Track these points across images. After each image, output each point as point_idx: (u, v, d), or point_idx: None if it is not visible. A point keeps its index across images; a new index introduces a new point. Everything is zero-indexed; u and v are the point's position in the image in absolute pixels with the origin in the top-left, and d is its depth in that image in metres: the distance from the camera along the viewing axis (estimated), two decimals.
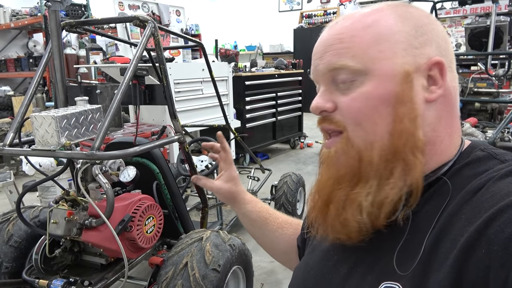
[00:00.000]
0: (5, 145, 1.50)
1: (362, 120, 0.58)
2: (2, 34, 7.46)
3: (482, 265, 0.44)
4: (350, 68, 0.58)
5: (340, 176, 0.60)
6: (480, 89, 4.42)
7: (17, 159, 4.27)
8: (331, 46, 0.61)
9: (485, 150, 0.58)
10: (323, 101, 0.62)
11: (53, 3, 1.61)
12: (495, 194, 0.49)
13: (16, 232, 1.78)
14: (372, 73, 0.57)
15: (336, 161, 0.61)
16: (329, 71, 0.61)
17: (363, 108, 0.57)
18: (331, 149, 0.62)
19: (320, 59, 0.62)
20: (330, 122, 0.62)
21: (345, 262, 0.63)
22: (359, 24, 0.59)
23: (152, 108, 3.66)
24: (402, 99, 0.56)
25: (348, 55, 0.58)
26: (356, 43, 0.58)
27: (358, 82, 0.58)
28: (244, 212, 0.99)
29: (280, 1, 10.66)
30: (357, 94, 0.58)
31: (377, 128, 0.57)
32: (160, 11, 4.61)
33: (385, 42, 0.58)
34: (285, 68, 5.54)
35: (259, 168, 3.38)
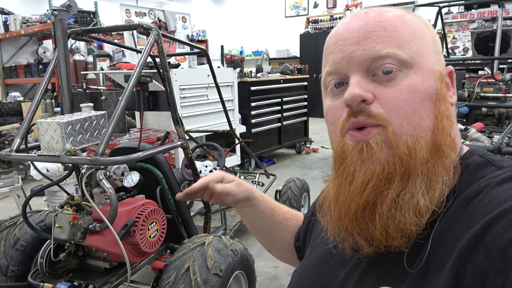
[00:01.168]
0: (12, 151, 1.53)
1: (409, 114, 0.54)
2: (12, 41, 7.60)
3: (479, 270, 0.44)
4: (399, 57, 0.55)
5: (390, 173, 0.54)
6: (487, 93, 4.38)
7: (25, 164, 4.34)
8: (372, 32, 0.56)
9: (483, 156, 0.59)
10: (363, 90, 0.55)
11: (60, 12, 1.65)
12: (492, 200, 0.49)
13: (22, 236, 1.81)
14: (417, 67, 0.56)
15: (379, 155, 0.54)
16: (371, 58, 0.55)
17: (410, 101, 0.54)
18: (370, 141, 0.54)
19: (357, 44, 0.57)
20: (369, 115, 0.55)
21: (343, 266, 0.63)
22: (397, 18, 0.58)
23: (157, 114, 3.70)
24: (441, 97, 0.57)
25: (394, 44, 0.55)
26: (399, 34, 0.56)
27: (403, 73, 0.55)
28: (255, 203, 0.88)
29: (287, 7, 10.71)
30: (403, 86, 0.55)
31: (423, 123, 0.55)
32: (166, 17, 4.67)
33: (421, 41, 0.58)
34: (290, 74, 5.56)
35: (264, 173, 3.39)
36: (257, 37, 10.95)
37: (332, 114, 0.61)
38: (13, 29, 6.97)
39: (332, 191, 0.61)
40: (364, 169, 0.55)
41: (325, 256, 0.68)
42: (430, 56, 0.58)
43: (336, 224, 0.60)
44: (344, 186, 0.57)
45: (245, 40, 11.07)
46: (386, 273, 0.55)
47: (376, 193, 0.54)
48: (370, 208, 0.54)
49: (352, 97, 0.55)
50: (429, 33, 0.60)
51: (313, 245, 0.76)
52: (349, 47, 0.57)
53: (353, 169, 0.56)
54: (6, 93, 7.23)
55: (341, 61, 0.58)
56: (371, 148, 0.54)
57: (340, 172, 0.59)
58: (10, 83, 7.44)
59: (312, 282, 0.67)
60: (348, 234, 0.58)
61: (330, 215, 0.61)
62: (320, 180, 0.64)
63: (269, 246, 0.97)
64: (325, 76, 0.62)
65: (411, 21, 0.59)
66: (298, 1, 10.49)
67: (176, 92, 3.61)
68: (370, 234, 0.55)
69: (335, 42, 0.60)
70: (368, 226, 0.55)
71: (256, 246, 2.94)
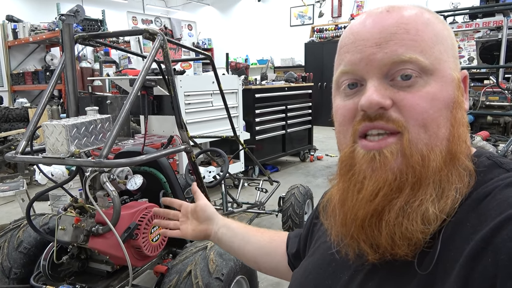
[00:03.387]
0: (18, 153, 1.55)
1: (428, 121, 0.53)
2: (21, 48, 7.72)
3: (488, 274, 0.44)
4: (420, 63, 0.53)
5: (402, 182, 0.53)
6: (492, 102, 4.36)
7: (30, 169, 4.37)
8: (395, 34, 0.54)
9: (491, 158, 0.58)
10: (381, 96, 0.53)
11: (67, 17, 1.68)
12: (502, 202, 0.48)
13: (25, 239, 1.81)
14: (437, 74, 0.54)
15: (392, 165, 0.53)
16: (392, 62, 0.53)
17: (429, 108, 0.53)
18: (384, 150, 0.54)
19: (379, 47, 0.54)
20: (387, 120, 0.54)
21: (346, 269, 0.61)
22: (419, 18, 0.55)
23: (162, 120, 3.72)
24: (459, 105, 0.56)
25: (417, 49, 0.53)
26: (422, 38, 0.54)
27: (422, 80, 0.54)
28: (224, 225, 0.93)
29: (292, 16, 10.78)
30: (423, 93, 0.53)
31: (439, 132, 0.54)
32: (172, 25, 4.72)
33: (442, 45, 0.56)
34: (295, 81, 5.58)
35: (268, 180, 3.39)
36: (262, 46, 11.03)
37: (342, 114, 0.59)
38: (21, 37, 7.09)
39: (337, 195, 0.59)
40: (375, 177, 0.54)
41: (328, 258, 0.67)
42: (449, 62, 0.56)
43: (340, 229, 0.59)
44: (352, 193, 0.56)
45: (251, 49, 11.15)
46: (391, 276, 0.54)
47: (385, 201, 0.53)
48: (378, 216, 0.54)
49: (370, 104, 0.53)
50: (449, 36, 0.59)
51: (315, 246, 0.75)
52: (369, 49, 0.55)
53: (363, 176, 0.55)
54: (13, 99, 7.32)
55: (359, 62, 0.56)
56: (385, 157, 0.53)
57: (347, 177, 0.58)
58: (18, 89, 7.53)
59: (314, 283, 0.66)
60: (353, 240, 0.57)
61: (335, 220, 0.60)
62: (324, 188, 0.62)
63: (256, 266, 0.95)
64: (339, 75, 0.59)
65: (433, 23, 0.57)
66: (303, 10, 10.56)
67: (181, 98, 3.63)
68: (376, 242, 0.54)
69: (353, 40, 0.57)
70: (374, 234, 0.54)
71: None
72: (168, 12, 11.64)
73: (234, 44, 11.29)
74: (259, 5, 11.28)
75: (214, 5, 12.12)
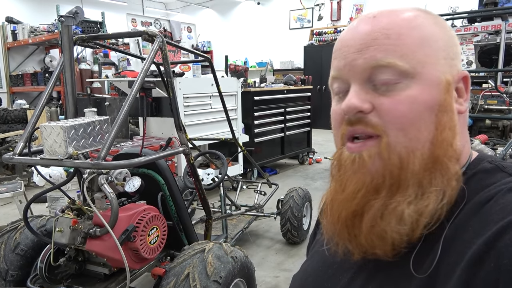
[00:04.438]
0: (15, 154, 1.54)
1: (406, 125, 0.54)
2: (20, 49, 7.72)
3: (491, 278, 0.44)
4: (399, 68, 0.54)
5: (378, 184, 0.55)
6: (490, 106, 4.37)
7: (28, 171, 4.35)
8: (375, 40, 0.55)
9: (493, 162, 0.58)
10: (360, 100, 0.56)
11: (66, 18, 1.68)
12: (505, 207, 0.48)
13: (23, 241, 1.80)
14: (420, 77, 0.54)
15: (370, 167, 0.55)
16: (372, 67, 0.55)
17: (408, 112, 0.54)
18: (363, 153, 0.56)
19: (359, 53, 0.56)
20: (366, 125, 0.56)
21: (346, 271, 0.62)
22: (404, 22, 0.56)
23: (161, 122, 3.72)
24: (445, 108, 0.56)
25: (396, 54, 0.54)
26: (404, 42, 0.55)
27: (403, 84, 0.54)
28: None
29: (291, 19, 10.81)
30: (402, 97, 0.54)
31: (420, 135, 0.54)
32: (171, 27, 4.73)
33: (429, 47, 0.56)
34: (294, 84, 5.59)
35: (266, 183, 3.38)
36: (262, 49, 11.05)
37: (334, 119, 0.62)
38: (21, 38, 7.09)
39: (330, 195, 0.62)
40: (355, 179, 0.57)
41: (328, 260, 0.67)
42: (437, 64, 0.56)
43: (330, 228, 0.61)
44: (338, 193, 0.59)
45: (250, 52, 11.16)
46: (391, 279, 0.54)
47: (364, 202, 0.55)
48: (359, 217, 0.56)
49: (348, 108, 0.56)
50: (443, 37, 0.58)
51: (314, 249, 0.76)
52: (351, 55, 0.57)
53: (346, 178, 0.58)
54: (12, 100, 7.31)
55: (343, 68, 0.58)
56: (363, 160, 0.56)
57: (336, 178, 0.60)
58: (17, 91, 7.53)
59: (313, 286, 0.66)
60: (339, 239, 0.60)
61: (327, 219, 0.62)
62: (323, 191, 0.65)
63: None
64: (331, 80, 0.62)
65: (422, 25, 0.56)
66: (303, 13, 10.59)
67: (180, 100, 3.63)
68: (357, 241, 0.57)
69: (340, 47, 0.59)
70: (356, 233, 0.57)
71: (257, 255, 2.92)
72: (168, 15, 11.66)
73: (233, 47, 11.31)
74: (258, 8, 11.31)
75: (213, 8, 12.14)
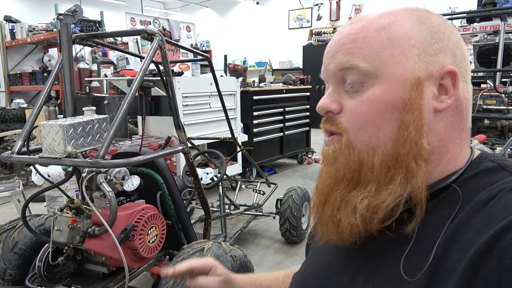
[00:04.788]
0: (14, 153, 1.53)
1: (365, 124, 0.57)
2: (18, 48, 7.70)
3: (492, 277, 0.44)
4: (361, 68, 0.57)
5: (339, 176, 0.60)
6: (489, 106, 4.38)
7: (27, 170, 4.34)
8: (343, 45, 0.59)
9: (495, 161, 0.57)
10: (330, 101, 0.61)
11: (65, 16, 1.67)
12: (507, 206, 0.48)
13: (21, 240, 1.80)
14: (382, 77, 0.56)
15: (334, 161, 0.61)
16: (339, 70, 0.60)
17: (367, 112, 0.57)
18: (329, 148, 0.62)
19: (331, 58, 0.61)
20: (332, 123, 0.61)
21: (346, 269, 0.62)
22: (373, 26, 0.58)
23: (160, 121, 3.72)
24: (409, 107, 0.55)
25: (359, 56, 0.57)
26: (369, 44, 0.57)
27: (367, 85, 0.57)
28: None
29: (290, 19, 10.81)
30: (364, 97, 0.57)
31: (380, 134, 0.56)
32: (170, 26, 4.72)
33: (399, 47, 0.56)
34: (293, 84, 5.59)
35: (265, 182, 3.38)
36: (261, 48, 11.05)
37: None
38: (19, 37, 7.07)
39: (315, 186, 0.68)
40: (325, 170, 0.63)
41: (328, 259, 0.67)
42: (406, 63, 0.55)
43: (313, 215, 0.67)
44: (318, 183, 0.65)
45: (249, 51, 11.16)
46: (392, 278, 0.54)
47: (328, 191, 0.61)
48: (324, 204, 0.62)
49: (318, 108, 0.63)
50: (420, 34, 0.57)
51: (314, 247, 0.76)
52: (327, 60, 0.62)
53: (321, 169, 0.65)
54: (10, 100, 7.29)
55: (323, 72, 0.64)
56: (329, 154, 0.62)
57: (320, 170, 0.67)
58: (15, 90, 7.51)
59: (314, 285, 0.66)
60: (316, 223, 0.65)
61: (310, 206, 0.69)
62: None
63: None
64: None
65: (393, 26, 0.57)
66: (302, 13, 10.59)
67: (179, 100, 3.63)
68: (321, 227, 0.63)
69: (325, 53, 0.65)
70: (322, 219, 0.63)
71: (256, 255, 2.91)
72: (167, 14, 11.65)
73: (232, 47, 11.30)
74: (257, 7, 11.30)
75: (212, 7, 12.13)
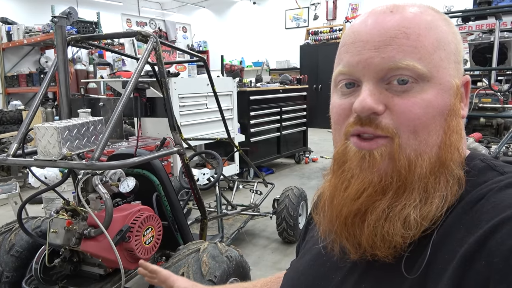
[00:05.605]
0: (9, 155, 1.54)
1: (418, 128, 0.53)
2: (15, 50, 7.68)
3: (481, 277, 0.44)
4: (418, 71, 0.53)
5: (386, 185, 0.54)
6: (485, 104, 4.40)
7: (24, 172, 4.34)
8: (394, 39, 0.54)
9: (485, 161, 0.58)
10: (374, 101, 0.54)
11: (59, 19, 1.68)
12: (496, 206, 0.48)
13: (17, 242, 1.80)
14: (434, 81, 0.54)
15: (380, 167, 0.54)
16: (389, 68, 0.53)
17: (422, 115, 0.53)
18: (374, 151, 0.54)
19: (377, 50, 0.54)
20: (377, 127, 0.54)
21: (339, 269, 0.61)
22: (422, 22, 0.55)
23: (156, 122, 3.72)
24: (454, 112, 0.55)
25: (415, 56, 0.53)
26: (422, 44, 0.54)
27: (418, 86, 0.53)
28: None
29: (287, 19, 10.82)
30: (418, 99, 0.53)
31: (430, 139, 0.54)
32: (167, 27, 4.72)
33: (443, 51, 0.55)
34: (290, 84, 5.60)
35: (262, 182, 3.39)
36: (258, 48, 11.05)
37: (338, 113, 0.60)
38: (16, 39, 7.06)
39: (328, 191, 0.60)
40: (362, 177, 0.55)
41: (320, 259, 0.66)
42: (449, 68, 0.55)
43: (327, 225, 0.60)
44: (339, 190, 0.57)
45: (246, 51, 11.16)
46: (384, 279, 0.54)
47: (369, 202, 0.54)
48: (361, 216, 0.55)
49: (363, 108, 0.54)
50: (454, 40, 0.57)
51: (306, 247, 0.75)
52: (368, 52, 0.55)
53: (351, 175, 0.56)
54: (7, 102, 7.28)
55: (357, 64, 0.56)
56: (374, 158, 0.54)
57: (338, 174, 0.58)
58: (12, 92, 7.49)
59: (306, 285, 0.66)
60: (337, 236, 0.58)
61: (323, 215, 0.61)
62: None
63: None
64: (337, 74, 0.60)
65: (437, 26, 0.56)
66: (299, 13, 10.60)
67: (176, 100, 3.63)
68: (357, 241, 0.55)
69: (353, 41, 0.57)
70: (356, 233, 0.55)
71: (254, 255, 2.92)
72: (164, 15, 11.64)
73: (229, 47, 11.31)
74: (254, 7, 11.31)
75: (209, 8, 12.13)
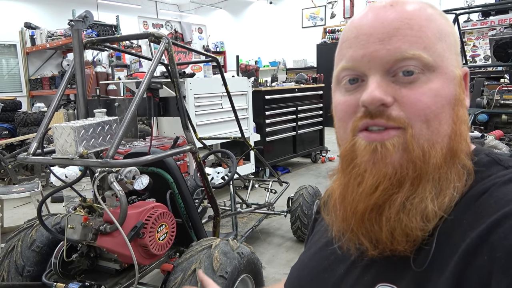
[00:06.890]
0: (29, 154, 1.60)
1: (430, 117, 0.52)
2: (38, 54, 7.93)
3: (484, 271, 0.44)
4: (424, 60, 0.53)
5: (402, 176, 0.52)
6: (507, 101, 4.27)
7: (47, 172, 4.49)
8: (398, 30, 0.53)
9: (490, 155, 0.57)
10: (383, 93, 0.53)
11: (76, 22, 1.74)
12: (498, 200, 0.48)
13: (38, 238, 1.87)
14: (440, 71, 0.54)
15: (393, 158, 0.53)
16: (396, 59, 0.53)
17: (432, 104, 0.53)
18: (386, 142, 0.53)
19: (382, 43, 0.54)
20: (388, 118, 0.53)
21: (342, 262, 0.62)
22: (424, 14, 0.55)
23: (173, 121, 3.78)
24: (460, 102, 0.56)
25: (420, 46, 0.53)
26: (426, 34, 0.54)
27: (424, 77, 0.53)
28: None
29: (304, 18, 10.79)
30: (425, 89, 0.53)
31: (441, 129, 0.53)
32: (182, 29, 4.79)
33: (445, 42, 0.56)
34: (305, 83, 5.58)
35: (277, 181, 3.40)
36: (275, 48, 11.06)
37: (343, 110, 0.59)
38: (39, 43, 7.29)
39: (338, 190, 0.59)
40: (375, 170, 0.53)
41: (325, 252, 0.67)
42: (451, 59, 0.56)
43: (341, 224, 0.59)
44: (352, 187, 0.56)
45: (263, 51, 11.19)
46: (387, 270, 0.55)
47: (385, 196, 0.53)
48: (378, 211, 0.53)
49: (372, 100, 0.53)
50: (452, 32, 0.58)
51: (313, 240, 0.76)
52: (372, 45, 0.54)
53: (363, 169, 0.55)
54: (31, 104, 7.53)
55: (361, 58, 0.55)
56: (387, 149, 0.53)
57: (347, 172, 0.57)
58: (36, 94, 7.75)
59: (311, 277, 0.67)
60: (353, 235, 0.57)
61: (336, 215, 0.60)
62: None
63: None
64: (340, 70, 0.59)
65: (437, 19, 0.56)
66: (315, 11, 10.55)
67: (191, 100, 3.68)
68: (375, 237, 0.54)
69: (356, 35, 0.56)
70: (374, 229, 0.54)
71: (268, 253, 2.94)
72: (181, 17, 11.78)
73: (246, 47, 11.36)
74: (270, 7, 11.32)
75: (226, 9, 12.21)
